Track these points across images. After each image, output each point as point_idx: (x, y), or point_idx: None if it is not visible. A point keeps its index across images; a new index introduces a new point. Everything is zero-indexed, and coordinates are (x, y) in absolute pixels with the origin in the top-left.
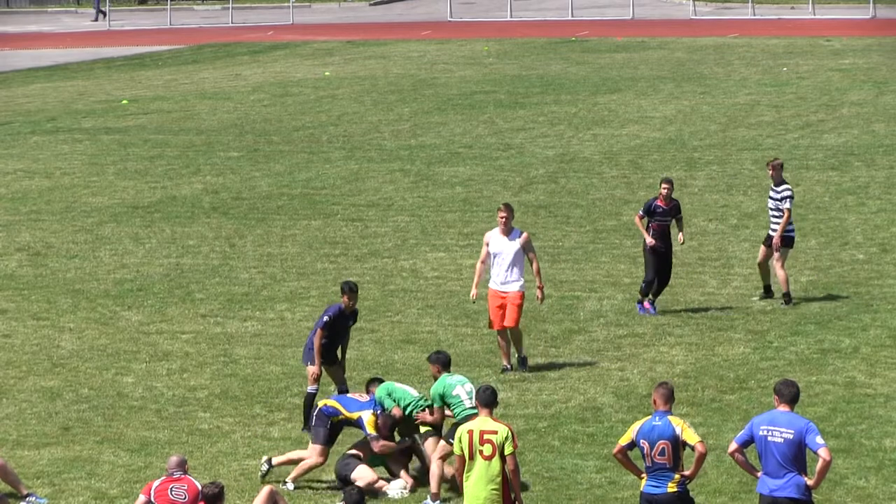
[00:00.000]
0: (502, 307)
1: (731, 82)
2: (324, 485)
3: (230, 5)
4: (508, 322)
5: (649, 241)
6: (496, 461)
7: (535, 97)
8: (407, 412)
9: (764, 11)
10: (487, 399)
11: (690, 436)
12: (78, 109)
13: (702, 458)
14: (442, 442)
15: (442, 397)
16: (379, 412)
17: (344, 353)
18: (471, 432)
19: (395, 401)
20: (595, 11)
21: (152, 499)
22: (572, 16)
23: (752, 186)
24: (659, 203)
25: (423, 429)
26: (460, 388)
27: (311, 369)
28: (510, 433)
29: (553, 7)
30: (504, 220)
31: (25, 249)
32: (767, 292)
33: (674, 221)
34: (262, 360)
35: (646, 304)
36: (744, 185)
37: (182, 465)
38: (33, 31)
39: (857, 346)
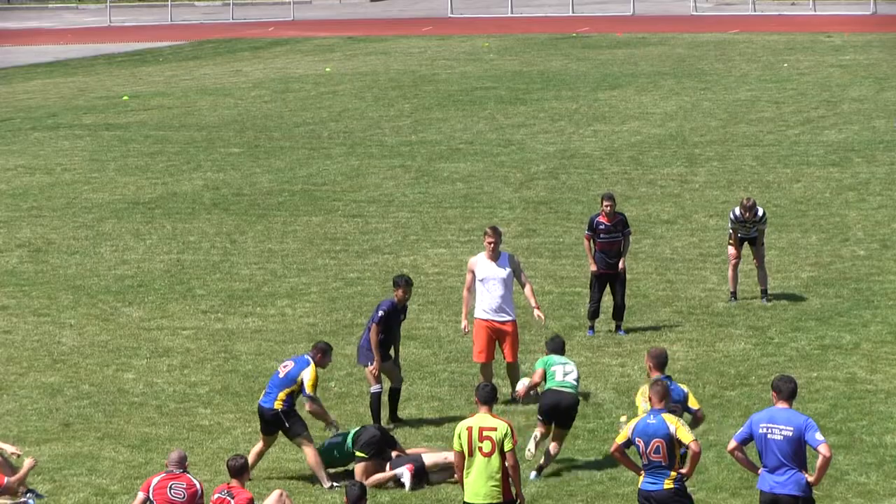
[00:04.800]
0: (493, 338)
1: (732, 78)
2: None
3: (231, 1)
4: (509, 357)
5: (592, 267)
6: (496, 457)
7: (535, 93)
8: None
9: (764, 7)
10: (486, 396)
11: (684, 434)
12: (79, 105)
13: (696, 457)
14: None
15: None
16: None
17: (398, 349)
18: (470, 429)
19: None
20: (596, 7)
21: (151, 496)
22: (573, 12)
23: (753, 182)
24: (601, 220)
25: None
26: (560, 366)
27: (370, 368)
28: (509, 429)
29: (553, 3)
30: (492, 245)
31: (26, 246)
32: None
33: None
34: (262, 356)
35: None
36: (744, 181)
37: (182, 462)
38: (34, 27)
39: (857, 343)
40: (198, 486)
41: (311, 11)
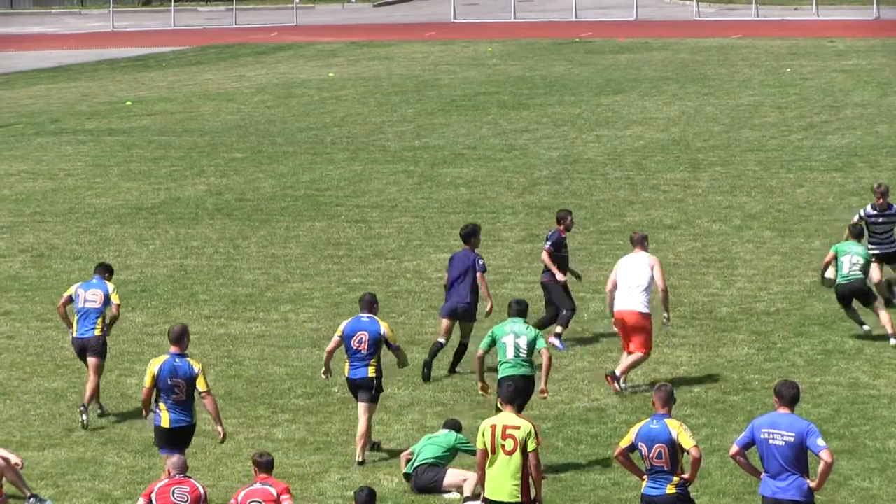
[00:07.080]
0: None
1: (735, 83)
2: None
3: (234, 6)
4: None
5: (560, 277)
6: (517, 456)
7: (538, 98)
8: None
9: (767, 12)
10: (511, 396)
11: (685, 440)
12: (82, 111)
13: (696, 462)
14: None
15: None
16: None
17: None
18: (493, 426)
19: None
20: (599, 12)
21: (154, 501)
22: (576, 17)
23: (756, 187)
24: (563, 235)
25: None
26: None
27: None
28: (533, 430)
29: (557, 8)
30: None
31: (29, 251)
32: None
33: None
34: (265, 362)
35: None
36: (747, 186)
37: (183, 467)
38: (37, 33)
39: (861, 348)
40: (201, 490)
41: (315, 16)
